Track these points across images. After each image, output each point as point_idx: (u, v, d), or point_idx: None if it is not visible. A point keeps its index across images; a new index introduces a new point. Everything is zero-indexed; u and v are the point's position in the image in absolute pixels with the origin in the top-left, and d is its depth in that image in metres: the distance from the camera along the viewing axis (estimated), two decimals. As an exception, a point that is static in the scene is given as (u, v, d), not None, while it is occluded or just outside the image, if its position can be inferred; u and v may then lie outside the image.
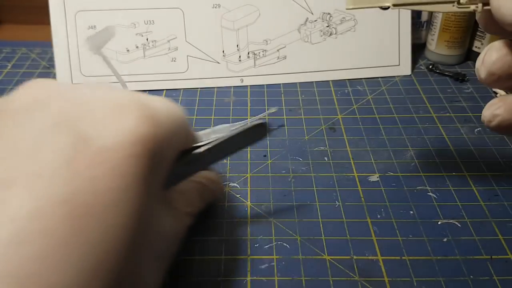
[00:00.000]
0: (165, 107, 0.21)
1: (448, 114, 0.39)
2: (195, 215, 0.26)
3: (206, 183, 0.28)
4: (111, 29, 0.32)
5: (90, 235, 0.16)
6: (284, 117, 0.39)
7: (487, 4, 0.21)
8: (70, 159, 0.17)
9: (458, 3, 0.22)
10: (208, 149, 0.24)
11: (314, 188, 0.31)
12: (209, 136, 0.25)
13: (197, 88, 0.43)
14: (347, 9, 0.24)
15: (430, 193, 0.31)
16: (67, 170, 0.16)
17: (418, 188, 0.31)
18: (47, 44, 0.46)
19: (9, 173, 0.16)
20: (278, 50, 0.44)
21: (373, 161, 0.34)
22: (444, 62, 0.46)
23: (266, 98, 0.41)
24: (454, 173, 0.32)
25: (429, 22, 0.47)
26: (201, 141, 0.25)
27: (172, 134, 0.21)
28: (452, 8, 0.23)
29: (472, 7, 0.22)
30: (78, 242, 0.15)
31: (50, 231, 0.15)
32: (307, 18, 0.43)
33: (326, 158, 0.34)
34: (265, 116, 0.35)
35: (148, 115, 0.19)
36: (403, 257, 0.26)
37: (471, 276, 0.25)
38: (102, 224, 0.16)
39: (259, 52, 0.43)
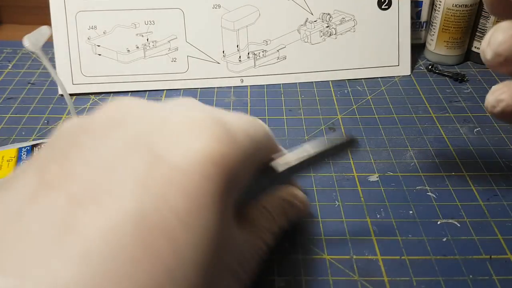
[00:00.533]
0: (242, 123, 0.21)
1: (447, 114, 0.39)
2: (277, 234, 0.25)
3: (291, 200, 0.26)
4: (46, 29, 0.33)
5: (160, 254, 0.15)
6: (284, 117, 0.39)
7: None
8: (142, 178, 0.16)
9: None
10: (291, 167, 0.23)
11: (314, 188, 0.31)
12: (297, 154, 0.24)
13: (197, 88, 0.43)
14: None
15: (430, 193, 0.31)
16: (139, 189, 0.16)
17: (417, 188, 0.31)
18: (48, 44, 0.46)
19: (82, 190, 0.16)
20: (278, 51, 0.44)
21: (372, 161, 0.34)
22: (444, 62, 0.46)
23: (266, 98, 0.41)
24: (453, 173, 0.32)
25: (429, 22, 0.47)
26: (285, 154, 0.24)
27: (250, 152, 0.20)
28: None
29: None
30: (147, 260, 0.15)
31: (120, 248, 0.15)
32: (307, 18, 0.44)
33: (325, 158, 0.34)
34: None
35: (223, 134, 0.19)
36: (403, 257, 0.27)
37: (471, 276, 0.25)
38: (172, 243, 0.16)
39: (259, 53, 0.44)
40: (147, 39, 0.43)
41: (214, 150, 0.18)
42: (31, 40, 0.31)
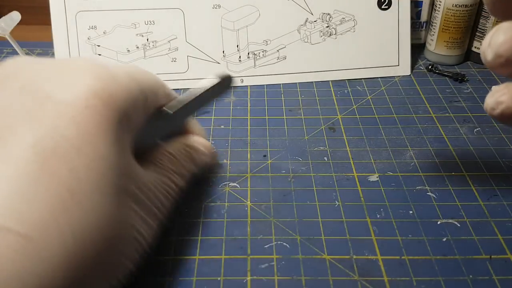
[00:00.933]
0: (127, 69, 0.24)
1: (447, 114, 0.39)
2: (186, 176, 0.28)
3: (195, 146, 0.29)
4: (16, 15, 0.35)
5: (58, 174, 0.18)
6: (284, 117, 0.39)
7: None
8: (35, 114, 0.19)
9: None
10: (182, 106, 0.27)
11: (314, 188, 0.31)
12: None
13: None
14: None
15: (430, 193, 0.31)
16: (33, 123, 0.19)
17: (417, 188, 0.31)
18: (48, 44, 0.46)
19: None
20: (278, 51, 0.44)
21: (372, 161, 0.34)
22: (444, 62, 0.46)
23: (266, 98, 0.41)
24: (453, 173, 0.32)
25: (429, 22, 0.47)
26: (176, 99, 0.27)
27: (136, 93, 0.23)
28: None
29: None
30: (48, 180, 0.18)
31: (24, 173, 0.18)
32: (307, 18, 0.44)
33: (325, 158, 0.34)
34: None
35: (104, 73, 0.22)
36: (403, 257, 0.26)
37: (471, 276, 0.25)
38: (68, 164, 0.19)
39: (259, 53, 0.44)
40: (147, 39, 0.43)
41: (96, 85, 0.21)
42: (1, 26, 0.32)
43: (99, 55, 0.42)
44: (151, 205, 0.23)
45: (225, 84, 0.28)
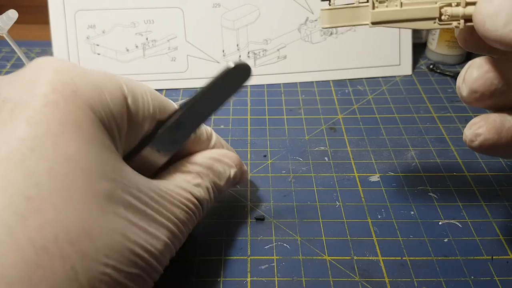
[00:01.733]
0: (106, 73, 0.22)
1: (449, 114, 0.39)
2: (207, 190, 0.25)
3: (217, 157, 0.26)
4: (13, 13, 0.34)
5: (12, 181, 0.17)
6: (284, 117, 0.39)
7: (469, 20, 0.21)
8: None
9: (440, 20, 0.22)
10: (186, 110, 0.23)
11: (315, 188, 0.31)
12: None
13: (197, 87, 0.43)
14: (323, 27, 0.23)
15: (431, 193, 0.31)
16: None
17: (418, 188, 0.31)
18: (47, 43, 0.46)
19: None
20: (278, 50, 0.44)
21: (373, 161, 0.34)
22: (445, 62, 0.46)
23: (266, 98, 0.41)
24: (455, 173, 0.32)
25: (430, 21, 0.47)
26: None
27: (114, 91, 0.21)
28: (433, 25, 0.22)
29: (454, 23, 0.21)
30: (4, 186, 0.17)
31: None
32: (308, 17, 0.43)
33: (326, 158, 0.34)
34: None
35: (68, 67, 0.20)
36: (404, 258, 0.26)
37: (472, 277, 0.25)
38: (22, 169, 0.17)
39: (259, 52, 0.43)
40: (147, 38, 0.42)
41: (56, 79, 0.19)
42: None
43: (98, 54, 0.42)
44: (155, 214, 0.21)
45: (237, 74, 0.22)
